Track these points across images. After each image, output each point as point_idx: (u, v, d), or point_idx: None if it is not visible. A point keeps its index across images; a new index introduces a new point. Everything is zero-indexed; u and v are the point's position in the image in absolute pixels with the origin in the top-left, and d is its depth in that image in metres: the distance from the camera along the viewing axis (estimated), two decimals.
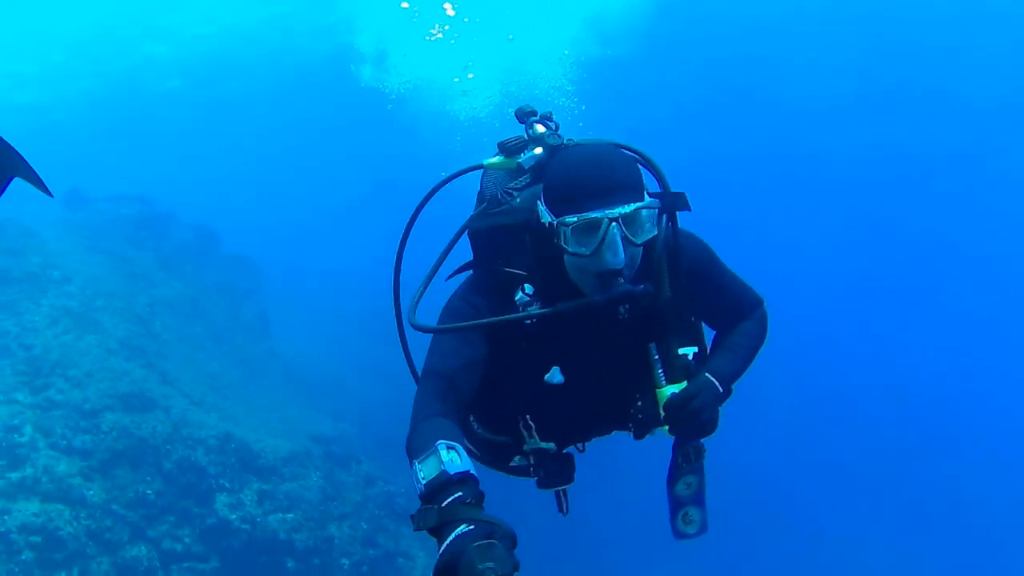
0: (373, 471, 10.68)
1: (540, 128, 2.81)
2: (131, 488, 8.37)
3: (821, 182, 26.09)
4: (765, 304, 2.84)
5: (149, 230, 14.02)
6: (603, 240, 2.25)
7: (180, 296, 12.66)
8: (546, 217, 2.36)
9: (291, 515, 8.88)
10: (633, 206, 2.26)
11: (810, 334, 22.24)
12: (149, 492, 8.43)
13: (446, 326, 2.46)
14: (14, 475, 8.09)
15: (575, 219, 2.26)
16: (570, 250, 2.30)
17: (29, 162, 2.50)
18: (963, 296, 27.11)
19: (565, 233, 2.30)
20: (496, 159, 2.88)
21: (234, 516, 8.55)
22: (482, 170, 2.92)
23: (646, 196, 2.33)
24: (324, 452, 10.45)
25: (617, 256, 2.25)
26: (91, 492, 8.15)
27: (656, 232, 2.37)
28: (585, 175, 2.30)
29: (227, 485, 8.87)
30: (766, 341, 2.79)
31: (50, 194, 2.73)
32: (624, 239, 2.26)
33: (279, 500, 9.02)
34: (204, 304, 13.15)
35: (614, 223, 2.25)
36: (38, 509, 7.81)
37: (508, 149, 2.84)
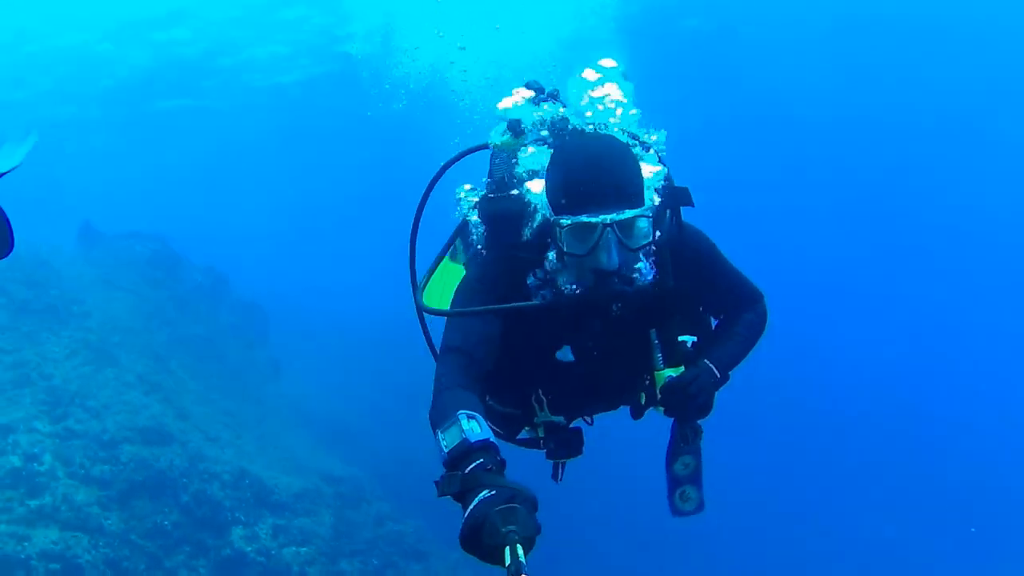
0: (383, 511, 10.72)
1: (547, 107, 2.83)
2: (149, 519, 8.43)
3: (820, 180, 26.31)
4: (765, 299, 2.90)
5: (163, 271, 14.22)
6: (597, 243, 2.31)
7: (195, 336, 12.83)
8: (546, 211, 2.44)
9: (304, 549, 8.94)
10: (629, 213, 2.30)
11: (811, 330, 22.48)
12: (166, 523, 8.49)
13: (455, 310, 2.54)
14: (33, 503, 8.14)
15: (570, 221, 2.32)
16: (565, 249, 2.37)
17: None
18: (962, 294, 27.35)
19: (560, 232, 2.37)
20: (503, 138, 2.88)
21: (250, 548, 8.60)
22: (489, 150, 2.95)
23: (647, 201, 2.38)
24: (335, 491, 10.51)
25: (611, 259, 2.32)
26: (109, 521, 8.20)
27: (651, 238, 2.40)
28: (585, 177, 2.33)
29: (242, 518, 8.94)
30: (765, 333, 2.87)
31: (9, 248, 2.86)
32: (619, 243, 2.32)
33: (293, 534, 9.08)
34: (218, 345, 13.31)
35: (608, 228, 2.30)
36: (57, 537, 7.85)
37: (516, 128, 2.84)
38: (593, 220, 2.29)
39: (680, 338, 2.64)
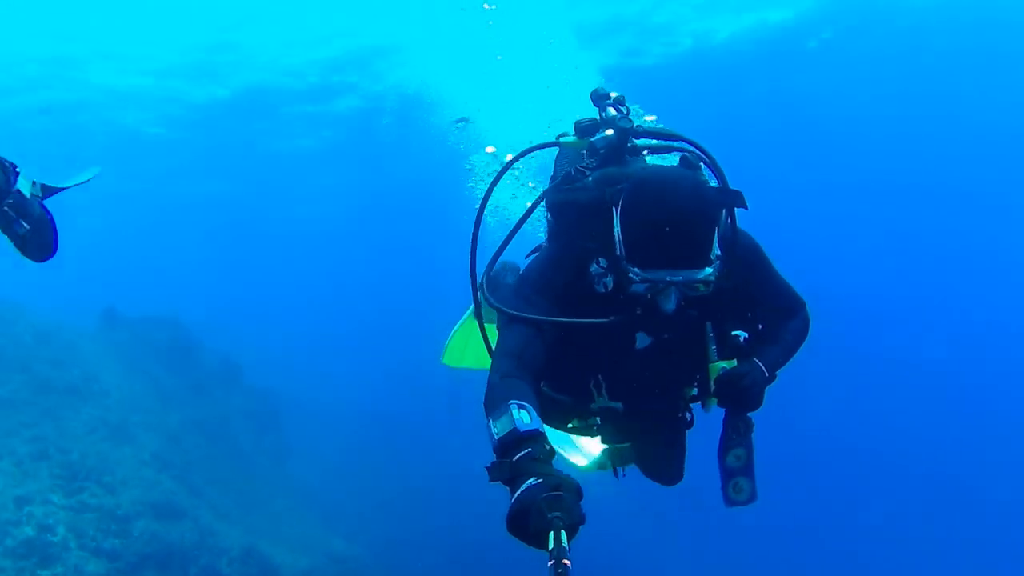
0: None
1: (612, 111, 2.97)
2: None
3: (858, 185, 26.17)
4: (808, 307, 3.00)
5: (180, 357, 14.65)
6: (660, 292, 2.43)
7: (209, 418, 13.11)
8: (618, 247, 2.47)
9: None
10: (697, 276, 2.37)
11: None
12: None
13: (515, 313, 2.58)
14: (45, 573, 8.29)
15: (639, 277, 2.39)
16: (629, 290, 2.45)
17: None
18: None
19: (630, 281, 2.42)
20: (570, 137, 3.04)
21: None
22: (556, 148, 3.11)
23: (715, 251, 2.42)
24: (339, 570, 10.57)
25: (669, 305, 2.44)
26: None
27: (710, 289, 2.45)
28: (660, 238, 2.35)
29: None
30: (807, 340, 2.98)
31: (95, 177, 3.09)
32: (680, 297, 2.45)
33: None
34: (231, 428, 13.57)
35: (673, 287, 2.41)
36: None
37: (582, 129, 2.98)
38: (662, 279, 2.37)
39: (733, 332, 2.74)
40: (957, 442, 20.12)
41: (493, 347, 2.66)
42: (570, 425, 2.99)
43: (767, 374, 2.72)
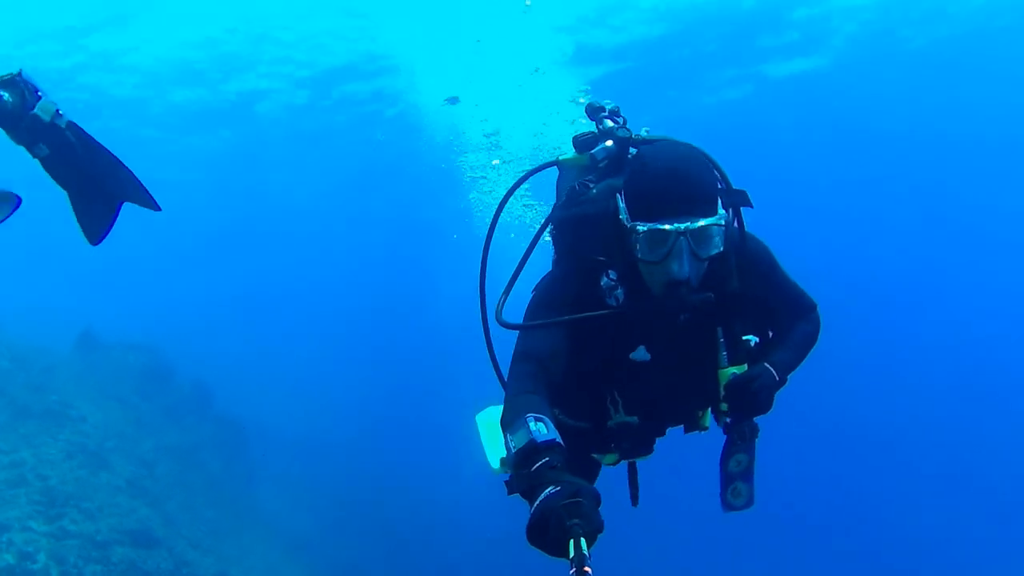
0: None
1: (610, 123, 3.00)
2: None
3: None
4: (818, 308, 2.98)
5: (154, 382, 14.86)
6: (670, 251, 2.40)
7: (181, 444, 13.34)
8: (623, 215, 2.49)
9: None
10: (703, 222, 2.37)
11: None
12: None
13: (531, 323, 2.61)
14: None
15: (646, 228, 2.39)
16: (639, 256, 2.45)
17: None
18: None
19: (638, 240, 2.43)
20: (569, 155, 3.04)
21: None
22: (556, 168, 3.13)
23: (719, 210, 2.44)
24: None
25: (682, 268, 2.41)
26: None
27: (721, 248, 2.46)
28: (663, 186, 2.40)
29: None
30: (818, 342, 2.97)
31: (158, 208, 2.96)
32: (691, 254, 2.41)
33: None
34: (201, 455, 13.80)
35: (682, 237, 2.38)
36: None
37: (581, 143, 2.99)
38: (669, 228, 2.37)
39: (744, 337, 2.73)
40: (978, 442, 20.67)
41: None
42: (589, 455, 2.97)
43: (778, 377, 2.70)
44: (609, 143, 2.91)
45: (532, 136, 9.01)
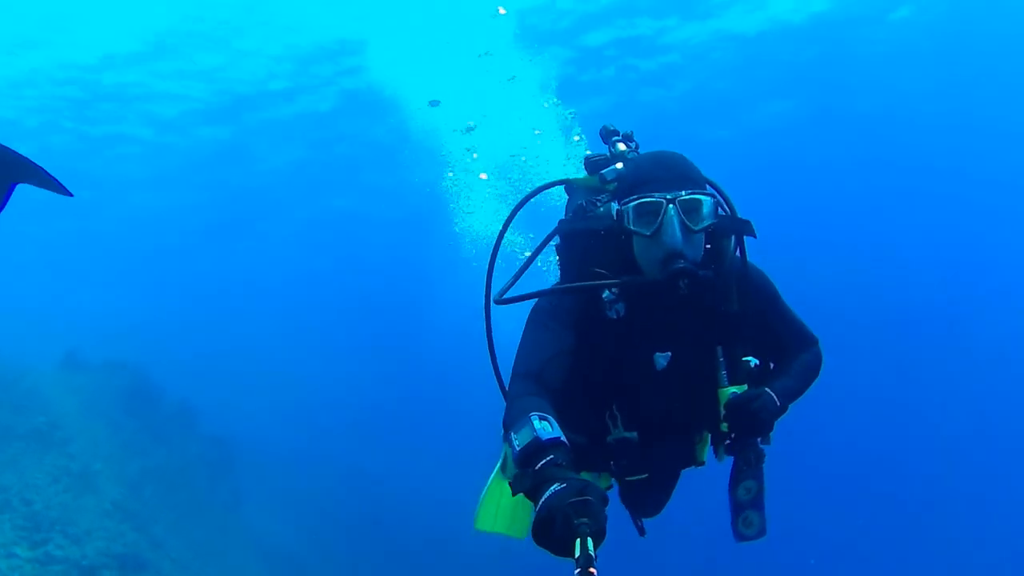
0: None
1: (622, 146, 3.11)
2: None
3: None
4: (820, 343, 2.97)
5: (139, 400, 14.73)
6: (661, 223, 2.47)
7: (167, 466, 13.23)
8: (616, 206, 2.61)
9: None
10: (691, 192, 2.48)
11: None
12: None
13: (530, 293, 2.67)
14: None
15: (637, 200, 2.51)
16: (632, 228, 2.53)
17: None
18: None
19: (628, 213, 2.53)
20: (580, 175, 3.15)
21: None
22: (565, 189, 3.20)
23: (708, 189, 2.57)
24: None
25: (675, 237, 2.47)
26: None
27: (714, 220, 2.54)
28: (651, 167, 2.56)
29: None
30: (819, 376, 2.94)
31: (69, 193, 2.64)
32: (683, 224, 2.48)
33: None
34: (188, 475, 13.68)
35: (671, 205, 2.47)
36: None
37: (593, 164, 3.09)
38: (657, 198, 2.48)
39: (744, 358, 2.73)
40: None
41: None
42: (583, 474, 2.88)
43: (779, 403, 2.69)
44: (619, 165, 2.94)
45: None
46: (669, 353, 2.69)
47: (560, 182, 3.16)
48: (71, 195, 2.67)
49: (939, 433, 22.31)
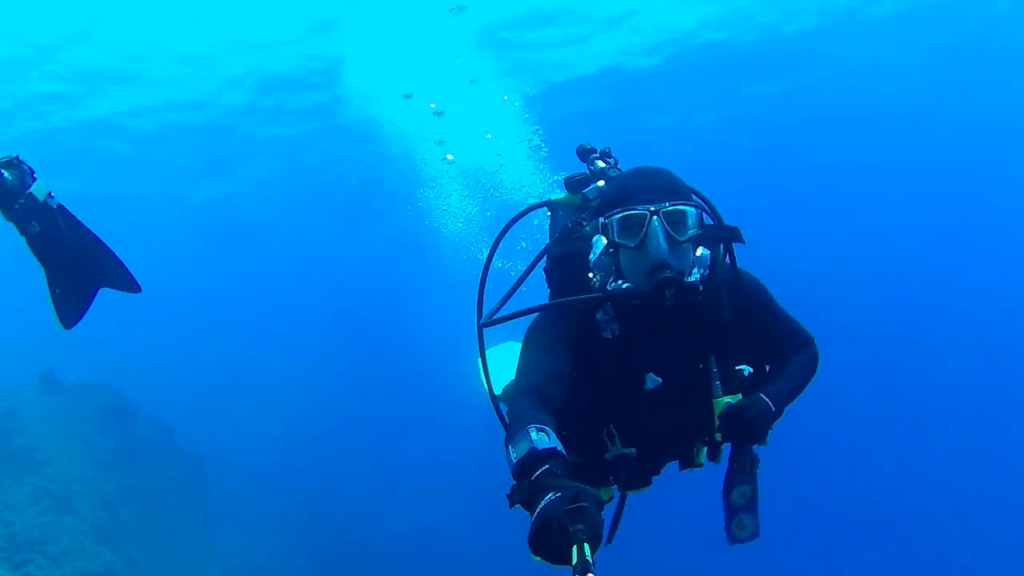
0: None
1: (601, 164, 3.14)
2: None
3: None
4: (816, 342, 2.98)
5: (115, 421, 15.01)
6: (646, 233, 2.49)
7: (142, 485, 13.54)
8: (601, 220, 2.61)
9: None
10: (674, 203, 2.50)
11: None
12: None
13: (519, 311, 2.73)
14: None
15: (621, 212, 2.52)
16: (617, 240, 2.54)
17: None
18: None
19: (613, 226, 2.54)
20: (561, 195, 3.15)
21: None
22: (548, 209, 3.21)
23: (693, 199, 2.58)
24: None
25: (660, 248, 2.48)
26: None
27: (699, 231, 2.55)
28: (633, 181, 2.58)
29: None
30: (816, 375, 2.96)
31: (138, 289, 3.21)
32: (667, 235, 2.49)
33: None
34: (163, 495, 14.01)
35: (655, 216, 2.48)
36: None
37: (574, 184, 3.11)
38: (640, 210, 2.49)
39: (737, 367, 2.75)
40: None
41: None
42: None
43: (774, 408, 2.71)
44: (601, 183, 3.01)
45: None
46: (664, 371, 2.73)
47: (542, 204, 3.19)
48: (140, 291, 3.14)
49: (937, 433, 22.75)
